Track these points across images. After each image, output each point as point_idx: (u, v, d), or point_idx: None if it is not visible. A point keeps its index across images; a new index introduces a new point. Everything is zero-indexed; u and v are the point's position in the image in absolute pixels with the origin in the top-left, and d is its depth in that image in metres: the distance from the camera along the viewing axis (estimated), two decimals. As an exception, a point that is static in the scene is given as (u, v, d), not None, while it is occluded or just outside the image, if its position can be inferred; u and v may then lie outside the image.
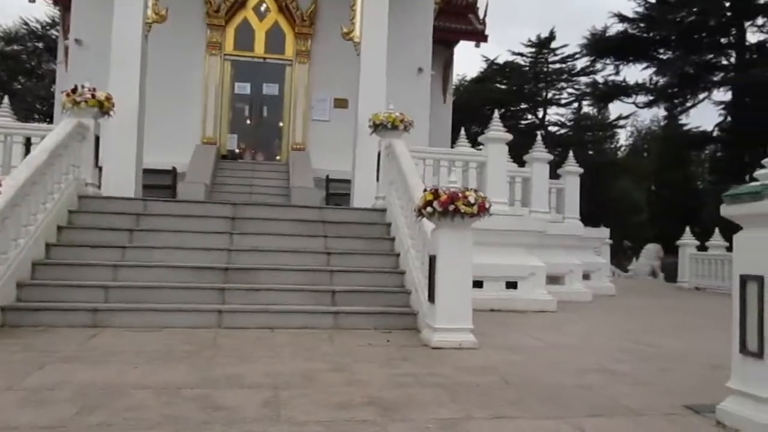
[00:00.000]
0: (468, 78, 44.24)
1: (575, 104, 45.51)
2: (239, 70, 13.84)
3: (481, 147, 9.88)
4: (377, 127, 8.44)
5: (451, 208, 5.11)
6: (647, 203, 48.81)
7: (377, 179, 8.70)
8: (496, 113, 9.14)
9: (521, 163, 10.69)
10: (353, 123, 10.58)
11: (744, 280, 3.20)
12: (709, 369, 4.83)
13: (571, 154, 12.12)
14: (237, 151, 13.90)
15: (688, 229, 15.76)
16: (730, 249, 15.38)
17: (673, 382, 4.31)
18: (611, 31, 30.49)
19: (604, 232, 12.26)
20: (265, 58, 13.89)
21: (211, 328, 5.64)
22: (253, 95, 14.02)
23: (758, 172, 3.28)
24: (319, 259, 7.02)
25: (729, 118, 30.57)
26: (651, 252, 22.28)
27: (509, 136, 8.92)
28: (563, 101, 45.00)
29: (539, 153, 10.35)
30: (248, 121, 14.21)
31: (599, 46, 30.85)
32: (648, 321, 7.91)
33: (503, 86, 44.33)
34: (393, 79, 10.81)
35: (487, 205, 5.27)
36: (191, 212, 7.53)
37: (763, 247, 3.08)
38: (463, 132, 10.55)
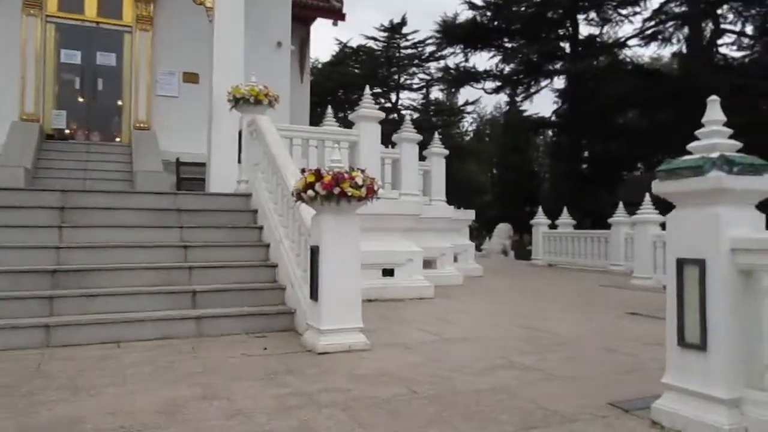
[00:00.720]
0: (321, 61, 43.47)
1: (426, 89, 46.82)
2: (66, 35, 11.88)
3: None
4: (238, 101, 7.48)
5: (337, 191, 4.42)
6: (491, 185, 51.77)
7: (239, 161, 7.76)
8: (367, 90, 8.53)
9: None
10: (206, 100, 9.48)
11: (681, 264, 2.88)
12: (606, 354, 4.65)
13: (436, 135, 11.92)
14: (66, 130, 11.98)
15: (540, 209, 16.43)
16: (577, 227, 16.36)
17: (584, 373, 4.01)
18: (461, 18, 31.44)
19: (469, 213, 12.27)
20: (98, 23, 12.07)
21: (35, 350, 4.45)
22: (84, 66, 12.12)
23: (692, 144, 2.97)
24: (174, 255, 5.97)
25: (565, 105, 32.94)
26: (502, 231, 23.28)
27: (381, 114, 8.38)
28: (415, 86, 46.01)
29: (408, 133, 9.94)
30: (80, 97, 12.31)
31: (450, 32, 31.59)
32: (527, 303, 7.83)
33: (357, 70, 44.28)
34: (250, 52, 9.84)
35: (375, 188, 4.65)
36: (6, 202, 6.07)
37: (706, 227, 2.76)
38: (330, 110, 9.85)
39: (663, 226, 10.29)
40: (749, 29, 27.69)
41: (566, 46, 30.49)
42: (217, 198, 7.34)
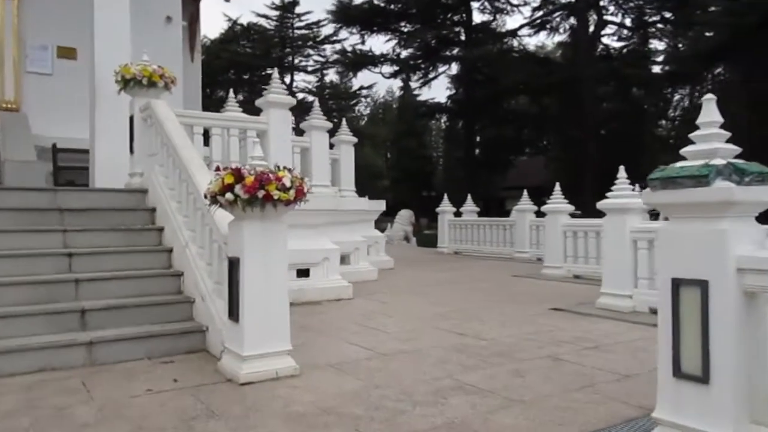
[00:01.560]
0: (209, 38, 41.22)
1: (321, 72, 45.93)
2: None
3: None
4: (128, 83, 6.52)
5: (261, 194, 3.76)
6: (387, 169, 52.01)
7: (131, 150, 6.80)
8: (276, 72, 7.78)
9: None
10: (87, 78, 8.32)
11: (677, 284, 2.56)
12: (552, 365, 4.37)
13: (344, 122, 11.36)
14: None
15: (446, 197, 16.35)
16: (481, 214, 16.47)
17: (539, 392, 3.68)
18: (358, 0, 30.84)
19: (380, 204, 11.84)
20: (-52, -14, 10.30)
21: None
22: (-68, 36, 10.33)
23: (688, 149, 2.65)
24: (57, 265, 5.02)
25: (459, 91, 33.45)
26: (404, 218, 23.15)
27: (292, 101, 7.68)
28: (310, 68, 44.98)
29: (318, 120, 9.30)
30: (-73, 71, 10.48)
31: (346, 14, 30.95)
32: (448, 299, 7.51)
33: (248, 49, 42.55)
34: (136, 28, 8.78)
35: (305, 189, 4.05)
36: None
37: (709, 244, 2.45)
38: (232, 94, 8.99)
39: (572, 215, 10.42)
40: (628, 21, 29.28)
41: (461, 33, 30.87)
42: (107, 194, 6.35)
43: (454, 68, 32.33)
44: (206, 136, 7.29)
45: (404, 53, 30.68)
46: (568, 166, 39.25)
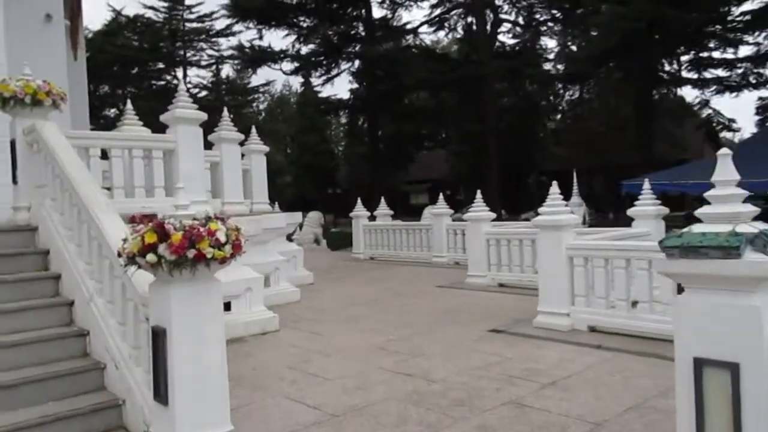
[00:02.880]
0: (92, 30, 38.20)
1: (216, 67, 44.04)
2: None
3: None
4: (7, 102, 5.56)
5: (192, 254, 3.15)
6: (288, 165, 50.89)
7: (14, 180, 5.80)
8: (182, 84, 6.97)
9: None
10: None
11: (700, 365, 2.28)
12: (517, 413, 4.08)
13: (254, 130, 10.62)
14: None
15: (359, 200, 15.93)
16: (395, 217, 16.24)
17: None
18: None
19: (297, 216, 11.22)
20: None
21: None
22: None
23: (706, 211, 2.37)
24: None
25: (362, 87, 33.11)
26: (313, 220, 22.54)
27: (203, 115, 6.92)
28: (204, 63, 42.98)
29: (228, 132, 8.56)
30: None
31: (241, 6, 29.55)
32: (382, 326, 7.08)
33: (135, 43, 39.93)
34: (11, 29, 7.68)
35: (242, 241, 3.46)
36: None
37: (740, 322, 2.18)
38: (129, 105, 8.07)
39: (492, 221, 10.34)
40: (521, 19, 30.19)
41: (360, 29, 30.46)
42: None
43: (356, 64, 31.90)
44: (105, 155, 6.41)
45: (305, 49, 29.84)
46: (468, 159, 40.31)
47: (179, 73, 41.97)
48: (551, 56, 31.42)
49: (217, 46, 41.70)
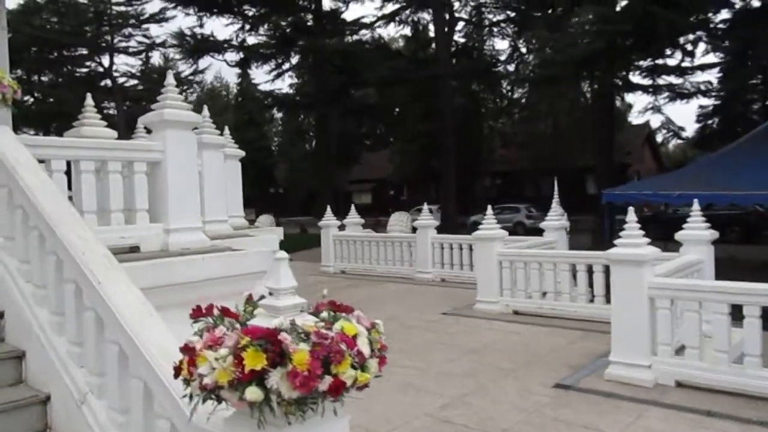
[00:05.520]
0: (8, 8, 34.48)
1: (146, 55, 41.13)
2: None
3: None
4: (-68, 95, 3.88)
5: (326, 385, 1.80)
6: (224, 162, 48.51)
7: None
8: (170, 76, 5.38)
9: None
10: None
11: None
12: None
13: (227, 132, 9.06)
14: None
15: (329, 208, 14.51)
16: (366, 226, 14.94)
17: None
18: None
19: (279, 231, 9.72)
20: None
21: None
22: None
23: None
24: None
25: (309, 82, 31.55)
26: (265, 225, 20.87)
27: (198, 118, 5.41)
28: (132, 50, 39.93)
29: (211, 136, 7.05)
30: None
31: (182, -9, 27.35)
32: (421, 378, 5.83)
33: (56, 25, 36.57)
34: None
35: (386, 352, 2.12)
36: None
37: None
38: (90, 99, 6.43)
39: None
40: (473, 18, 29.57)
41: (309, 21, 28.87)
42: None
43: (302, 58, 30.28)
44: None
45: (251, 40, 27.92)
46: (415, 159, 39.45)
47: (105, 60, 38.86)
48: (503, 57, 30.98)
49: (148, 33, 38.91)
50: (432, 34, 28.84)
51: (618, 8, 16.57)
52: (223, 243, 5.88)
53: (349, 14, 30.73)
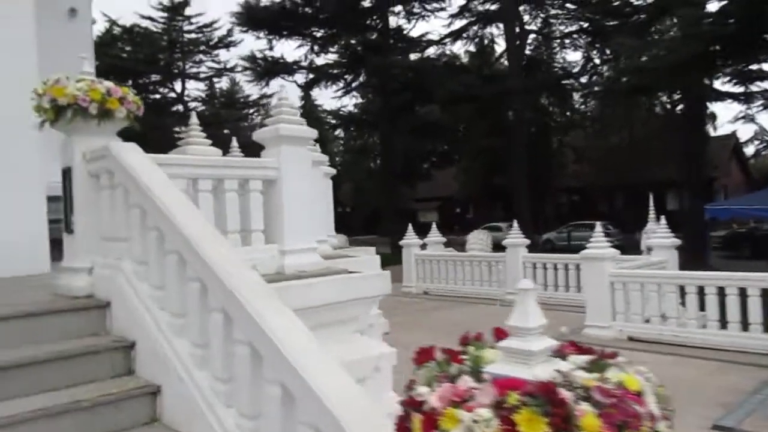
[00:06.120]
0: (86, 39, 36.19)
1: (211, 80, 42.39)
2: None
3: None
4: (61, 113, 3.71)
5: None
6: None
7: (68, 228, 3.94)
8: (284, 92, 5.12)
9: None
10: None
11: None
12: None
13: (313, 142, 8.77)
14: None
15: (410, 226, 14.13)
16: (448, 245, 14.44)
17: None
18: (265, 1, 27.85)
19: (370, 250, 9.39)
20: None
21: None
22: None
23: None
24: None
25: (374, 100, 31.45)
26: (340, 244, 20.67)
27: (313, 133, 5.12)
28: (203, 75, 41.19)
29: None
30: None
31: (252, 16, 27.83)
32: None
33: (131, 54, 38.11)
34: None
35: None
36: None
37: None
38: (195, 118, 6.29)
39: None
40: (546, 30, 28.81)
41: (379, 40, 28.85)
42: (31, 321, 3.45)
43: (368, 77, 30.27)
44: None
45: (319, 60, 28.10)
46: (480, 177, 38.70)
47: (177, 86, 40.25)
48: (575, 69, 29.98)
49: (217, 58, 40.09)
50: (498, 48, 28.28)
51: (715, 9, 15.51)
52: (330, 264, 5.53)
53: (415, 31, 30.43)
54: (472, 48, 32.90)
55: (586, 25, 27.33)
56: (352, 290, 4.62)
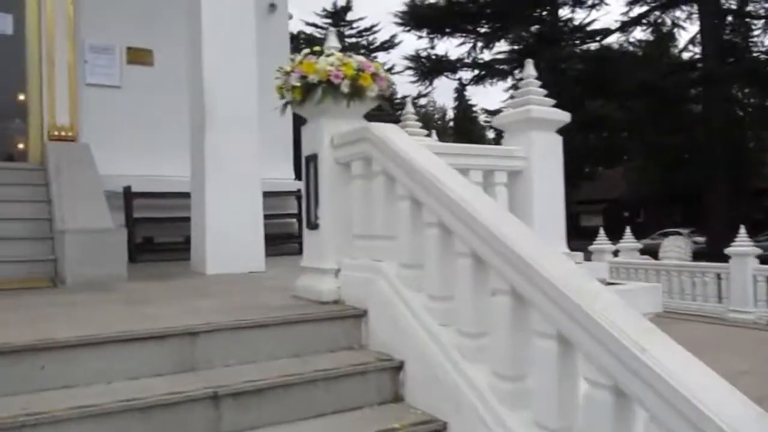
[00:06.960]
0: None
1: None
2: None
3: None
4: (310, 91, 3.25)
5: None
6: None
7: (310, 223, 3.50)
8: (530, 68, 4.36)
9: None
10: (172, 91, 5.41)
11: None
12: None
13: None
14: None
15: (602, 230, 12.76)
16: (643, 252, 12.88)
17: None
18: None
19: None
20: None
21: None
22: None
23: None
24: None
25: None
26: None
27: (566, 117, 4.30)
28: (364, 77, 42.13)
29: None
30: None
31: (417, 15, 27.64)
32: None
33: (299, 60, 39.90)
34: (227, 19, 5.86)
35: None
36: None
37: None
38: (410, 106, 5.79)
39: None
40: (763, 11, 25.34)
41: (552, 30, 27.31)
42: (282, 316, 3.02)
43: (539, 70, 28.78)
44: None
45: (483, 56, 27.20)
46: (654, 176, 35.29)
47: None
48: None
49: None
50: (682, 36, 25.43)
51: None
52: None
53: (587, 21, 28.32)
54: (649, 36, 30.07)
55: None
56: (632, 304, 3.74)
